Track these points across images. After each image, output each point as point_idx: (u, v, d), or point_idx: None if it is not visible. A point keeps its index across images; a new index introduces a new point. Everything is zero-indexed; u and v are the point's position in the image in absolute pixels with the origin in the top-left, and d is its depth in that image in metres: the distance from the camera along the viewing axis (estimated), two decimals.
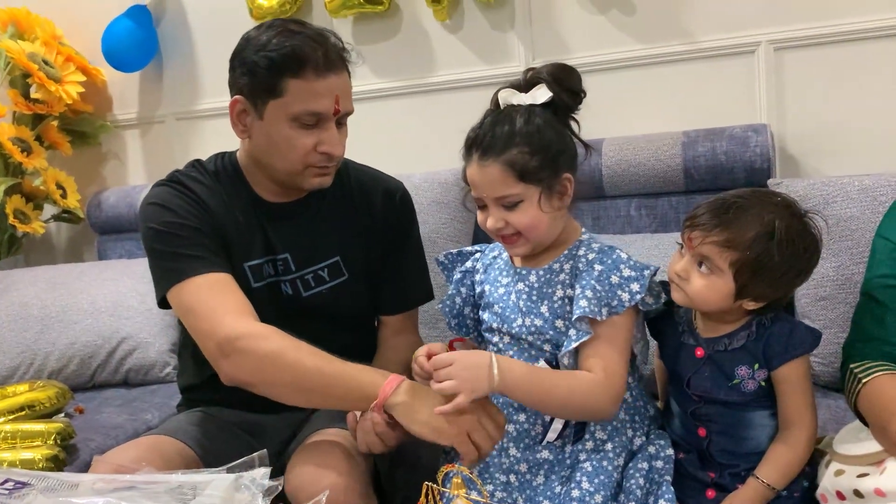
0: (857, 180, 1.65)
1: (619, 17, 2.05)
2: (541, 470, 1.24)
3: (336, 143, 1.38)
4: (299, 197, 1.46)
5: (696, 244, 1.17)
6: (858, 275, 1.58)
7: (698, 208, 1.20)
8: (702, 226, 1.16)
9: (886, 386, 1.14)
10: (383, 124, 2.25)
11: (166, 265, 1.36)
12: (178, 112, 2.55)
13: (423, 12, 2.20)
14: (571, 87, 1.23)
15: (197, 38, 2.48)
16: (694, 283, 1.18)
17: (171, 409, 1.88)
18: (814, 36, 1.90)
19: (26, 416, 1.78)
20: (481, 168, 1.20)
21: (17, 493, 0.95)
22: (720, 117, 1.95)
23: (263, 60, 1.32)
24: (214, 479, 0.99)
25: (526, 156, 1.18)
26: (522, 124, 1.19)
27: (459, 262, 1.42)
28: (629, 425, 1.26)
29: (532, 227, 1.21)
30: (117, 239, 2.47)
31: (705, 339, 1.24)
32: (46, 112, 2.45)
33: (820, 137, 1.93)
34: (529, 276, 1.27)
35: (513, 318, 1.27)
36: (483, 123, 1.23)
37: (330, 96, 1.34)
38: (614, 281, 1.19)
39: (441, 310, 1.39)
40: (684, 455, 1.25)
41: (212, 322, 1.27)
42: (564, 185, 1.22)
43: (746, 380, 1.20)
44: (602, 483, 1.18)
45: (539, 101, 1.21)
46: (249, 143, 1.42)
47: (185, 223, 1.36)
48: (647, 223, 1.92)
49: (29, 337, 2.12)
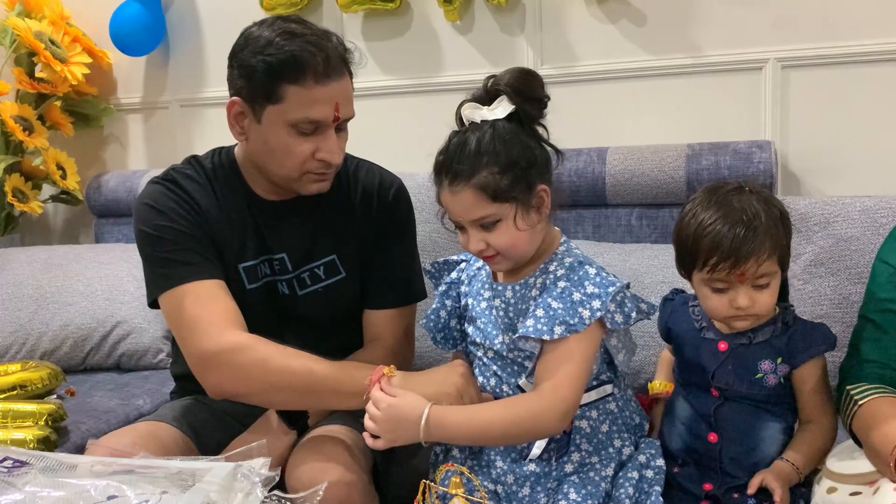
0: (859, 201, 1.67)
1: (629, 28, 2.06)
2: (527, 482, 1.22)
3: (335, 151, 1.35)
4: (296, 196, 1.44)
5: (751, 273, 1.16)
6: (856, 294, 1.59)
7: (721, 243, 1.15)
8: (750, 256, 1.15)
9: (882, 409, 1.15)
10: (389, 122, 2.25)
11: (156, 270, 1.36)
12: (182, 99, 2.54)
13: (434, 12, 2.21)
14: (533, 95, 1.19)
15: (205, 25, 2.47)
16: (762, 303, 1.19)
17: (162, 395, 1.88)
18: (821, 56, 1.91)
19: (17, 396, 1.78)
20: (453, 194, 1.17)
21: (16, 472, 0.95)
22: (725, 132, 1.96)
23: (261, 65, 1.28)
24: (214, 467, 0.99)
25: (496, 176, 1.14)
26: (488, 143, 1.15)
27: (446, 271, 1.39)
28: (616, 436, 1.25)
29: (512, 245, 1.19)
30: (115, 223, 2.46)
31: (727, 334, 1.25)
32: (50, 92, 2.44)
33: (822, 156, 1.94)
34: (506, 292, 1.25)
35: (494, 334, 1.26)
36: (449, 146, 1.19)
37: (330, 104, 1.31)
38: (576, 298, 1.16)
39: (425, 325, 1.36)
40: (679, 468, 1.26)
41: (194, 335, 1.28)
42: (540, 196, 1.19)
43: (768, 374, 1.22)
44: (590, 493, 1.17)
45: (501, 116, 1.17)
46: (247, 146, 1.40)
47: (177, 228, 1.35)
48: (648, 233, 1.93)
49: (22, 317, 2.11)
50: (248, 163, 1.43)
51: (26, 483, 0.94)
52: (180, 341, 1.33)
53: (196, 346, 1.28)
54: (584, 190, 1.96)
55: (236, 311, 1.32)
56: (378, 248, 1.49)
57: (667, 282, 1.70)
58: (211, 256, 1.37)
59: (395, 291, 1.49)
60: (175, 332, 1.34)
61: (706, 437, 1.25)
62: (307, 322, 1.47)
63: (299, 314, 1.46)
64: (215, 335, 1.26)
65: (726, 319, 1.22)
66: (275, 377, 1.24)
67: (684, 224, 1.21)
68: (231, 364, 1.25)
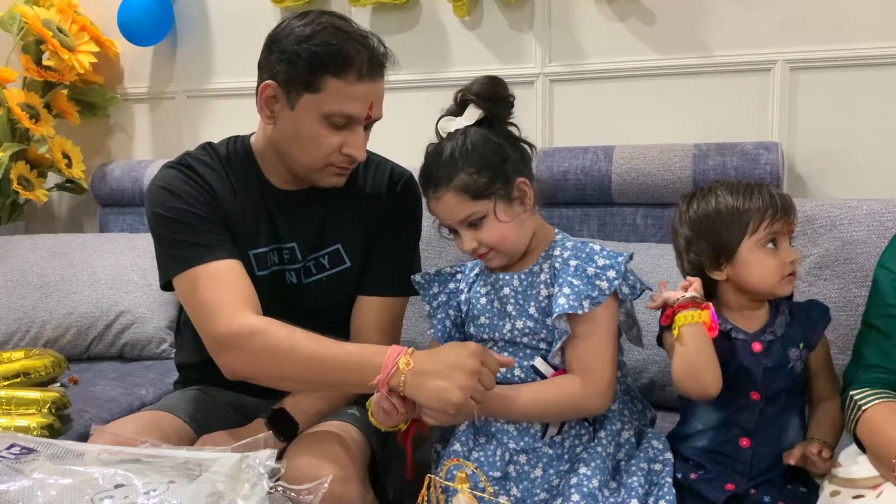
0: (865, 204, 1.67)
1: (638, 26, 2.06)
2: (539, 463, 1.26)
3: (361, 148, 1.38)
4: (309, 186, 1.45)
5: (795, 221, 1.27)
6: (860, 297, 1.59)
7: (770, 201, 1.25)
8: (791, 206, 1.26)
9: (886, 414, 1.16)
10: (395, 116, 2.21)
11: (170, 252, 1.36)
12: (189, 90, 2.54)
13: (442, 7, 2.20)
14: (499, 96, 1.28)
15: (213, 16, 2.47)
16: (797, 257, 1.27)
17: (165, 385, 1.88)
18: (830, 58, 1.91)
19: (21, 384, 1.78)
20: (437, 201, 1.26)
21: (23, 459, 0.95)
22: (732, 132, 1.96)
23: (307, 53, 1.30)
24: (220, 458, 0.99)
25: (473, 175, 1.23)
26: (459, 147, 1.24)
27: (437, 283, 1.42)
28: (617, 417, 1.29)
29: (501, 238, 1.26)
30: (119, 212, 2.47)
31: (754, 333, 1.27)
32: (57, 80, 2.44)
33: (829, 159, 1.94)
34: (513, 281, 1.30)
35: (501, 324, 1.30)
36: (427, 159, 1.29)
37: (365, 101, 1.33)
38: (590, 272, 1.23)
39: (433, 335, 1.39)
40: (697, 474, 1.26)
41: (209, 318, 1.29)
42: (521, 188, 1.27)
43: (796, 362, 1.26)
44: (598, 467, 1.21)
45: (471, 122, 1.26)
46: (273, 130, 1.40)
47: (192, 210, 1.36)
48: (653, 232, 1.93)
49: (27, 304, 2.12)
50: (267, 150, 1.44)
51: (34, 470, 0.94)
52: (196, 323, 1.33)
53: (211, 329, 1.29)
54: (590, 188, 1.96)
55: (251, 292, 1.32)
56: (381, 235, 1.49)
57: (672, 281, 1.69)
58: (226, 237, 1.38)
59: (389, 279, 1.49)
60: (190, 313, 1.35)
61: (737, 442, 1.25)
62: (312, 311, 1.47)
63: (304, 303, 1.47)
64: (228, 317, 1.26)
65: (780, 283, 1.25)
66: (286, 363, 1.24)
67: (710, 211, 1.27)
68: (243, 348, 1.25)
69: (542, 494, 1.23)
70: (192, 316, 1.34)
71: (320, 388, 1.34)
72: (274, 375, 1.27)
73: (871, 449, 1.16)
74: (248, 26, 2.34)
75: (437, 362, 1.15)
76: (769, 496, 1.20)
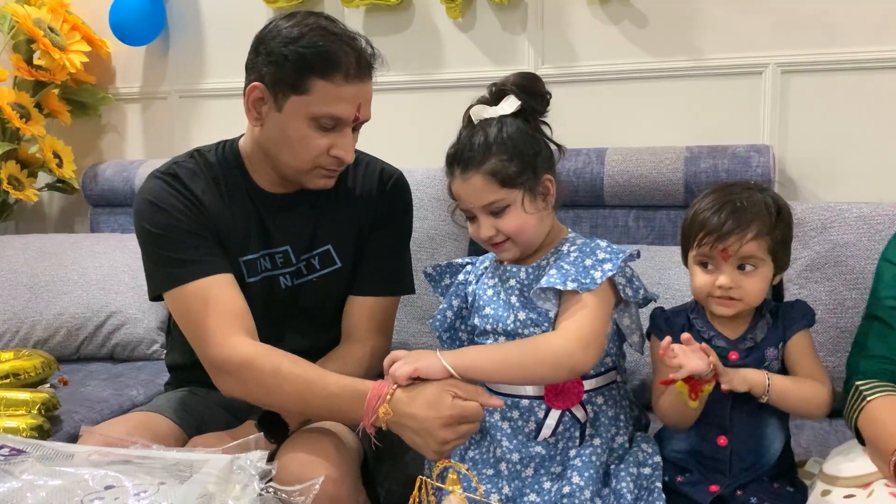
0: (856, 207, 1.67)
1: (631, 29, 2.07)
2: (531, 463, 1.26)
3: (349, 150, 1.37)
4: (299, 188, 1.44)
5: (734, 250, 1.21)
6: (851, 300, 1.61)
7: (709, 221, 1.23)
8: (732, 232, 1.21)
9: (890, 407, 1.16)
10: (388, 117, 2.22)
11: (159, 269, 1.36)
12: (181, 90, 2.54)
13: (435, 9, 2.21)
14: (537, 91, 1.29)
15: (206, 16, 2.47)
16: (747, 286, 1.23)
17: (156, 386, 1.87)
18: (821, 62, 1.92)
19: (10, 385, 1.77)
20: (464, 181, 1.26)
21: (13, 460, 0.95)
22: (724, 135, 1.97)
23: (293, 55, 1.29)
24: (211, 459, 0.99)
25: (505, 163, 1.23)
26: (496, 133, 1.25)
27: (448, 274, 1.43)
28: (613, 423, 1.28)
29: (521, 229, 1.26)
30: (111, 213, 2.46)
31: (734, 340, 1.27)
32: (48, 79, 2.43)
33: (820, 162, 1.95)
34: (520, 273, 1.30)
35: (506, 315, 1.29)
36: (459, 139, 1.28)
37: (353, 103, 1.33)
38: (587, 263, 1.24)
39: (432, 325, 1.40)
40: (683, 477, 1.27)
41: (200, 342, 1.31)
42: (546, 185, 1.28)
43: (772, 361, 1.26)
44: (591, 478, 1.21)
45: (509, 111, 1.27)
46: (260, 133, 1.39)
47: (179, 226, 1.36)
48: (645, 234, 1.93)
49: (16, 304, 2.11)
50: (255, 153, 1.43)
51: (23, 471, 0.94)
52: (189, 340, 1.35)
53: (202, 352, 1.32)
54: (582, 190, 1.96)
55: (242, 309, 1.33)
56: (372, 235, 1.49)
57: (663, 283, 1.71)
58: (215, 251, 1.37)
59: (380, 280, 1.49)
60: (182, 330, 1.36)
61: (715, 441, 1.26)
62: (304, 314, 1.47)
63: (296, 306, 1.47)
64: (219, 344, 1.28)
65: (709, 301, 1.25)
66: (273, 395, 1.27)
67: (688, 212, 1.29)
68: (234, 375, 1.28)
69: (534, 496, 1.22)
70: (186, 334, 1.35)
71: (307, 417, 1.36)
72: (263, 402, 1.31)
73: (870, 441, 1.16)
74: (241, 26, 2.31)
75: (415, 420, 1.17)
76: (756, 497, 1.20)
